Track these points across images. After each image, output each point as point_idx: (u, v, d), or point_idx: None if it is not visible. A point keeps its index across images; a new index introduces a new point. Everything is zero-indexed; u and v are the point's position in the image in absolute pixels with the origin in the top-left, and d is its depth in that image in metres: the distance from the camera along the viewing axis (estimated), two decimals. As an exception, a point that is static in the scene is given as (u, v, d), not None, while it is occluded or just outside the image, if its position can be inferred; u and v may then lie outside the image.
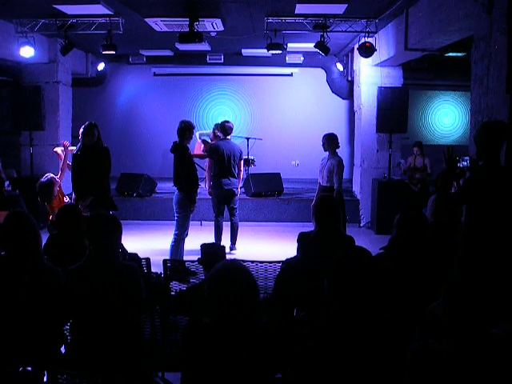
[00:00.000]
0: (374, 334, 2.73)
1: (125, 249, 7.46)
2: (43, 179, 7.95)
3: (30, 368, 4.05)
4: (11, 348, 3.94)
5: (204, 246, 4.96)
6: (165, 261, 5.57)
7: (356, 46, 11.84)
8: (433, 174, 11.50)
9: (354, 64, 13.83)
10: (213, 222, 9.98)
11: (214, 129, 12.54)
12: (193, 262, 5.41)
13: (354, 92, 13.92)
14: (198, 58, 15.80)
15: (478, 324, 2.50)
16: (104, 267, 4.00)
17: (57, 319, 4.08)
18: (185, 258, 8.39)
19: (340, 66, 15.86)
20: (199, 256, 5.08)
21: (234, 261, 3.11)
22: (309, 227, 5.45)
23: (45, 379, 4.04)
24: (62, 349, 4.27)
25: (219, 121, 11.75)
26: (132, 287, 4.04)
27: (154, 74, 17.52)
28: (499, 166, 4.64)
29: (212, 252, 4.88)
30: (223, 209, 9.96)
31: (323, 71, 17.08)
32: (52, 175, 8.03)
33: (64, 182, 8.34)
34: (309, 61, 15.76)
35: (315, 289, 3.82)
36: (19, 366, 4.01)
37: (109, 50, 11.35)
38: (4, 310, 3.95)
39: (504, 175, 4.60)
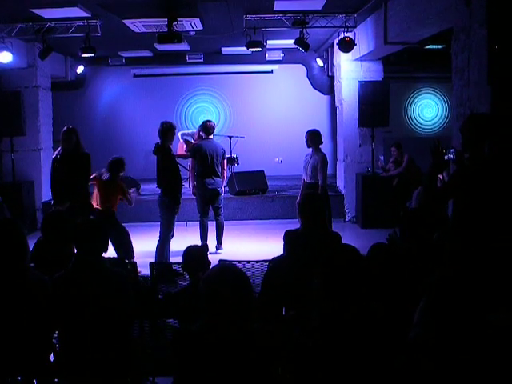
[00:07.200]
0: (366, 331, 2.72)
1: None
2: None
3: (19, 377, 4.02)
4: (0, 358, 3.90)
5: (185, 252, 4.89)
6: (151, 264, 5.54)
7: (336, 41, 11.84)
8: (407, 172, 11.41)
9: (334, 59, 13.83)
10: (198, 223, 9.96)
11: (198, 129, 12.49)
12: (179, 263, 5.38)
13: (335, 87, 13.93)
14: (178, 58, 15.71)
15: (472, 317, 2.50)
16: (90, 274, 3.97)
17: (45, 327, 4.04)
18: (171, 259, 8.38)
19: (320, 62, 15.86)
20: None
21: (231, 263, 3.07)
22: (294, 224, 5.44)
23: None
24: (51, 357, 4.23)
25: (201, 120, 11.72)
26: (120, 294, 4.00)
27: (134, 76, 17.41)
28: (485, 158, 4.66)
29: (193, 255, 4.82)
30: (208, 209, 9.92)
31: (303, 67, 17.06)
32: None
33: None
34: (289, 57, 15.72)
35: (303, 287, 3.81)
36: (8, 375, 3.98)
37: (88, 53, 11.27)
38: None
39: (490, 167, 4.61)
